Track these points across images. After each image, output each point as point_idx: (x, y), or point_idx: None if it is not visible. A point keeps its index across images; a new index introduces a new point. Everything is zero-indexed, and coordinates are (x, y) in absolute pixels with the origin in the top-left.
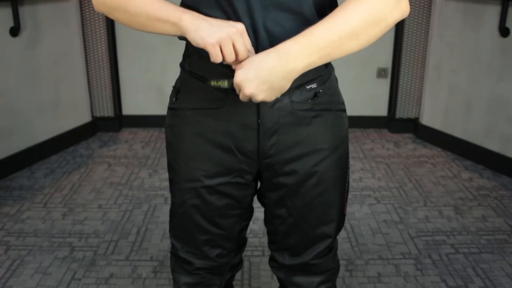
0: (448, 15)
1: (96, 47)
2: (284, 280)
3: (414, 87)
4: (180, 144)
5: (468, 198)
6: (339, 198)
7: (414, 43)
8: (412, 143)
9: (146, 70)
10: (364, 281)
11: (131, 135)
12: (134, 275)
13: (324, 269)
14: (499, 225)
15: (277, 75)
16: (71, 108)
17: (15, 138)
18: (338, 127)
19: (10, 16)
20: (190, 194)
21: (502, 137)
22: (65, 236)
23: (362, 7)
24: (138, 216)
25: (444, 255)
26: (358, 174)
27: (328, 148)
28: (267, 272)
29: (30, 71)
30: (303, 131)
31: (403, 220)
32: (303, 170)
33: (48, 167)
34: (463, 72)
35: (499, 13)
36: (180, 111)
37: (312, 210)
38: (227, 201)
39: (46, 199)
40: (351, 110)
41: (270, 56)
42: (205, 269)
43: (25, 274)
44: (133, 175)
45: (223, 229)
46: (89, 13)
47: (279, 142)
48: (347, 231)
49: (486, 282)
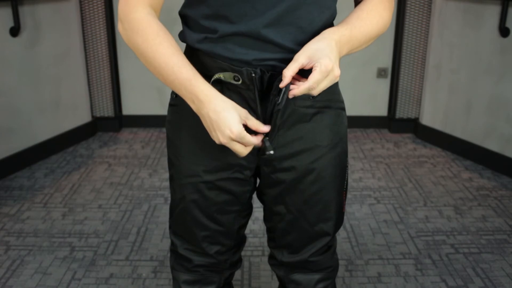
0: (448, 15)
1: (96, 47)
2: (283, 278)
3: (414, 87)
4: (180, 140)
5: (468, 198)
6: (338, 196)
7: (414, 43)
8: (412, 143)
9: (146, 70)
10: (364, 281)
11: (131, 135)
12: (134, 275)
13: (323, 266)
14: (499, 225)
15: (337, 57)
16: (71, 108)
17: (15, 138)
18: (338, 125)
19: (10, 16)
20: (190, 190)
21: (502, 137)
22: (65, 236)
23: (381, 19)
24: (138, 216)
25: (444, 255)
26: (358, 174)
27: (327, 145)
28: (267, 272)
29: (30, 71)
30: (303, 128)
31: (403, 220)
32: (301, 166)
33: (48, 167)
34: (463, 72)
35: (499, 13)
36: (181, 107)
37: (310, 207)
38: (226, 197)
39: (46, 199)
40: (351, 110)
41: (328, 41)
42: (204, 266)
43: (25, 274)
44: (133, 175)
45: (222, 225)
46: (89, 13)
47: (279, 137)
48: (347, 231)
49: (486, 282)
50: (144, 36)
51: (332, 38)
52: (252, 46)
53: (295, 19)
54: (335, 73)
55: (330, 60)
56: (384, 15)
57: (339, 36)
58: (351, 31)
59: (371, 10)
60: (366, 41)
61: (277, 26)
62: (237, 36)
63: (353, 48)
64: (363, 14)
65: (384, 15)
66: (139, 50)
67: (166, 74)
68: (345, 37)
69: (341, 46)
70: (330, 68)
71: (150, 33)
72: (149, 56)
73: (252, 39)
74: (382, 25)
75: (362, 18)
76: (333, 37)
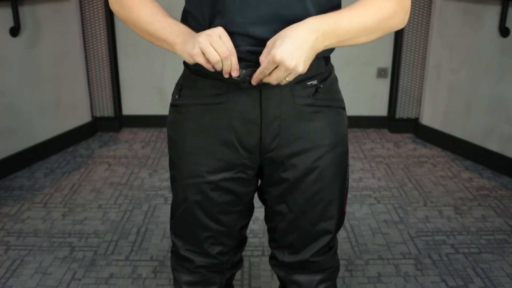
0: (448, 15)
1: (96, 47)
2: (284, 279)
3: (414, 87)
4: (183, 140)
5: (468, 198)
6: (339, 195)
7: (414, 43)
8: (412, 143)
9: (146, 70)
10: (364, 281)
11: (131, 135)
12: (134, 275)
13: (324, 267)
14: (499, 225)
15: (309, 46)
16: (71, 108)
17: (15, 138)
18: (339, 123)
19: (10, 16)
20: (193, 190)
21: (502, 137)
22: (65, 236)
23: (380, 12)
24: (138, 216)
25: (444, 255)
26: (358, 174)
27: (329, 144)
28: (267, 272)
29: (30, 71)
30: (305, 126)
31: (403, 220)
32: (303, 165)
33: (48, 167)
34: (463, 72)
35: (499, 13)
36: (183, 107)
37: (312, 206)
38: (229, 197)
39: (46, 199)
40: (351, 110)
41: (301, 29)
42: (206, 267)
43: (25, 274)
44: (133, 175)
45: (224, 226)
46: (89, 13)
47: (281, 136)
48: (347, 231)
49: (486, 282)
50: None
51: (307, 26)
52: (244, 40)
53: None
54: (287, 65)
55: (282, 51)
56: (386, 6)
57: (318, 24)
58: (336, 20)
59: (368, 0)
60: (361, 33)
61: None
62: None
63: (342, 40)
64: (357, 5)
65: (386, 6)
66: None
67: (151, 25)
68: (328, 25)
69: (322, 34)
70: (277, 60)
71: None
72: (134, 18)
73: (243, 35)
74: (383, 17)
75: (354, 8)
76: (309, 25)
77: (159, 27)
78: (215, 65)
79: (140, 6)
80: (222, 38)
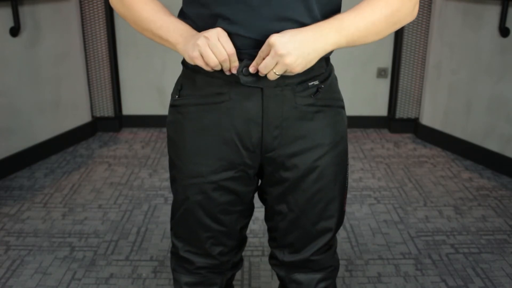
0: (448, 15)
1: (96, 47)
2: (284, 278)
3: (414, 87)
4: (183, 141)
5: (468, 198)
6: (339, 194)
7: (414, 43)
8: (412, 143)
9: (146, 70)
10: (364, 281)
11: (131, 135)
12: (134, 275)
13: (324, 265)
14: (499, 225)
15: (311, 47)
16: (71, 108)
17: (15, 138)
18: (339, 123)
19: (10, 16)
20: (194, 190)
21: (502, 137)
22: (65, 236)
23: (387, 7)
24: (138, 216)
25: (444, 255)
26: (358, 174)
27: (329, 143)
28: (267, 272)
29: (30, 71)
30: (305, 126)
31: (403, 220)
32: (304, 165)
33: (48, 167)
34: (463, 72)
35: (499, 13)
36: (183, 107)
37: (312, 206)
38: (230, 197)
39: (46, 199)
40: (351, 110)
41: (305, 31)
42: (206, 268)
43: (25, 274)
44: (133, 175)
45: (224, 226)
46: (89, 13)
47: (282, 135)
48: (347, 231)
49: (486, 282)
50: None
51: (315, 29)
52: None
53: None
54: (285, 60)
55: (277, 37)
56: (392, 1)
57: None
58: (343, 21)
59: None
60: (370, 31)
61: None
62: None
63: (352, 40)
64: (363, 4)
65: (392, 1)
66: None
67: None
68: (335, 26)
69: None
70: (271, 42)
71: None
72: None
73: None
74: (390, 11)
75: (360, 7)
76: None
77: (161, 26)
78: (214, 67)
79: (141, 3)
80: (220, 40)
